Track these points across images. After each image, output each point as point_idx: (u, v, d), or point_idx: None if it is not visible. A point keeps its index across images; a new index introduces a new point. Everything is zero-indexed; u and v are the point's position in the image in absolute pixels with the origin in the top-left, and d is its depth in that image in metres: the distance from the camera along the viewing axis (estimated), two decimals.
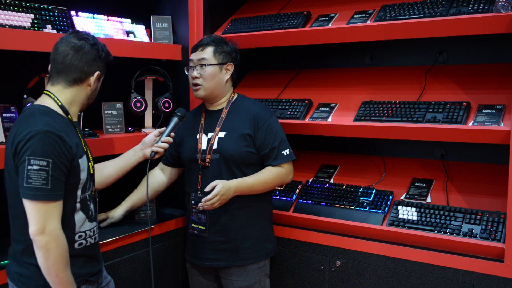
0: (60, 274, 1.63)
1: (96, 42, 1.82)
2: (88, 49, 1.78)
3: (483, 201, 2.32)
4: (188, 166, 2.34)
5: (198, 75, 2.25)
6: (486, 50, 2.56)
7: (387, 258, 2.31)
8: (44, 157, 1.58)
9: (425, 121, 2.29)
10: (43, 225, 1.58)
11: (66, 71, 1.76)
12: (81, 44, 1.77)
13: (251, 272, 2.26)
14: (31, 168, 1.57)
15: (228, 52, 2.29)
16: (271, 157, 2.24)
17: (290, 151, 2.27)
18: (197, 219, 2.27)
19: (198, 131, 2.32)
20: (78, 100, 1.81)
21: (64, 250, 1.64)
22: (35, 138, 1.59)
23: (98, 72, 1.82)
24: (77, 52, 1.75)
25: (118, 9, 2.79)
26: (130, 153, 2.23)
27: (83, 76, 1.78)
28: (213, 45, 2.27)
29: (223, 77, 2.29)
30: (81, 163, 1.74)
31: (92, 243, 1.84)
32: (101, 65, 1.84)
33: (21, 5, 2.16)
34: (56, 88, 1.77)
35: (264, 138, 2.23)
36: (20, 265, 1.71)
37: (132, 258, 2.38)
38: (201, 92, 2.27)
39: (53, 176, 1.60)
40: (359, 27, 2.41)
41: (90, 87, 1.81)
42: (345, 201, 2.52)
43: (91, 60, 1.78)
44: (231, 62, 2.30)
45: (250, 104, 2.32)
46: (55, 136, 1.62)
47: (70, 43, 1.76)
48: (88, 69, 1.78)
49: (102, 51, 1.83)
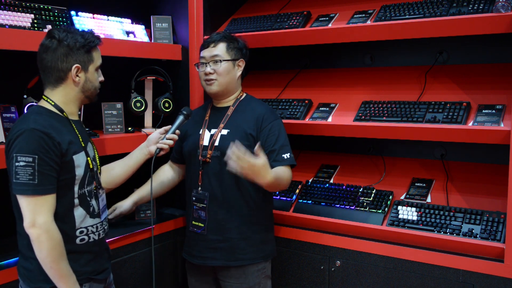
0: (54, 266, 1.68)
1: (64, 36, 1.75)
2: (56, 46, 1.75)
3: (483, 201, 2.32)
4: (189, 162, 2.34)
5: (212, 70, 2.25)
6: (486, 50, 2.56)
7: (387, 258, 2.31)
8: (30, 154, 1.64)
9: (425, 121, 2.29)
10: (33, 219, 1.64)
11: (47, 74, 1.78)
12: (48, 43, 1.76)
13: (250, 274, 2.24)
14: (18, 165, 1.64)
15: (239, 48, 2.31)
16: (271, 159, 2.18)
17: (291, 156, 2.21)
18: (197, 216, 2.27)
19: (201, 127, 2.32)
20: (71, 97, 1.82)
21: (57, 243, 1.68)
22: (22, 136, 1.65)
23: (77, 64, 1.77)
24: (46, 53, 1.76)
25: (118, 9, 2.79)
26: (136, 151, 2.24)
27: (62, 74, 1.77)
28: (225, 41, 2.28)
29: (236, 73, 2.30)
30: (76, 160, 1.77)
31: (96, 239, 1.86)
32: (80, 56, 1.78)
33: (21, 5, 2.16)
34: (48, 91, 1.82)
35: (265, 140, 2.21)
36: (26, 259, 1.76)
37: (132, 258, 2.39)
38: (215, 87, 2.26)
39: (40, 172, 1.65)
40: (359, 27, 2.41)
41: (75, 82, 1.80)
42: (345, 201, 2.52)
43: (63, 56, 1.76)
44: (242, 58, 2.31)
45: (257, 105, 2.31)
46: (41, 133, 1.66)
47: (41, 46, 1.78)
48: (63, 66, 1.76)
49: (76, 41, 1.76)
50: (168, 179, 2.45)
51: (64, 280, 1.70)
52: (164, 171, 2.47)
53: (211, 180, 2.23)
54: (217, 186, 2.22)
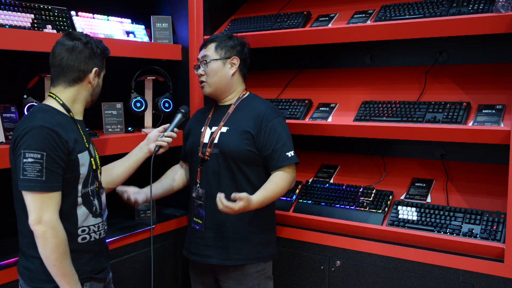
0: (58, 264, 1.68)
1: (89, 40, 1.86)
2: (82, 48, 1.83)
3: (483, 201, 2.32)
4: (191, 159, 2.36)
5: (202, 72, 2.28)
6: (486, 50, 2.56)
7: (387, 258, 2.32)
8: (38, 150, 1.65)
9: (425, 121, 2.29)
10: (39, 215, 1.65)
11: (65, 72, 1.82)
12: (74, 44, 1.82)
13: (249, 275, 2.23)
14: (26, 161, 1.65)
15: (231, 46, 2.29)
16: (275, 159, 2.17)
17: (294, 154, 2.20)
18: (197, 213, 2.28)
19: (204, 125, 2.33)
20: (81, 98, 1.88)
21: (61, 240, 1.69)
22: (30, 133, 1.67)
23: (96, 68, 1.87)
24: (71, 53, 1.81)
25: (118, 9, 2.79)
26: (136, 150, 2.25)
27: (82, 75, 1.84)
28: (215, 41, 2.29)
29: (228, 72, 2.28)
30: (81, 158, 1.79)
31: (97, 238, 1.87)
32: (98, 61, 1.89)
33: (21, 5, 2.16)
34: (58, 89, 1.84)
35: (266, 139, 2.19)
36: (27, 259, 1.76)
37: (132, 258, 2.39)
38: (207, 89, 2.29)
39: (48, 168, 1.66)
40: (359, 27, 2.41)
41: (91, 84, 1.87)
42: (345, 201, 2.52)
43: (87, 58, 1.84)
44: (235, 55, 2.29)
45: (258, 104, 2.29)
46: (50, 130, 1.68)
47: (63, 46, 1.82)
48: (84, 67, 1.84)
49: (97, 47, 1.88)
50: (179, 178, 2.45)
51: (67, 279, 1.70)
52: (175, 170, 2.48)
53: (209, 178, 2.24)
54: (214, 184, 2.22)
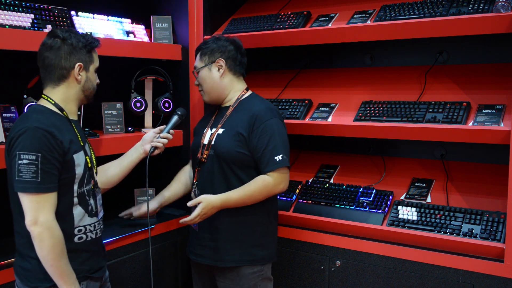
0: (55, 264, 1.69)
1: (67, 36, 1.81)
2: (60, 45, 1.80)
3: (483, 201, 2.32)
4: (192, 160, 2.38)
5: (197, 82, 2.35)
6: (486, 50, 2.57)
7: (387, 258, 2.32)
8: (33, 152, 1.65)
9: (425, 121, 2.29)
10: (35, 216, 1.65)
11: (49, 72, 1.81)
12: (51, 42, 1.80)
13: (245, 276, 2.22)
14: (21, 162, 1.64)
15: (213, 49, 2.28)
16: (263, 162, 2.14)
17: (283, 158, 2.13)
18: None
19: (207, 126, 2.34)
20: (72, 96, 1.85)
21: (58, 241, 1.69)
22: (25, 134, 1.66)
23: (79, 63, 1.82)
24: (50, 52, 1.79)
25: (118, 9, 2.79)
26: (131, 151, 2.25)
27: (65, 72, 1.81)
28: (200, 49, 2.33)
29: (215, 75, 2.28)
30: (76, 158, 1.78)
31: (93, 238, 1.87)
32: (82, 55, 1.84)
33: (21, 5, 2.16)
34: (48, 90, 1.83)
35: (257, 141, 2.15)
36: (23, 259, 1.76)
37: (132, 258, 2.39)
38: (205, 97, 2.35)
39: (43, 170, 1.66)
40: (359, 27, 2.41)
41: (77, 80, 1.84)
42: (345, 201, 2.52)
43: (67, 54, 1.80)
44: (219, 57, 2.27)
45: (256, 104, 2.26)
46: (44, 131, 1.68)
47: (43, 45, 1.81)
48: (66, 64, 1.81)
49: (78, 41, 1.82)
50: (190, 179, 2.45)
51: (64, 278, 1.71)
52: (185, 172, 2.49)
53: (204, 179, 2.25)
54: (208, 185, 2.23)
